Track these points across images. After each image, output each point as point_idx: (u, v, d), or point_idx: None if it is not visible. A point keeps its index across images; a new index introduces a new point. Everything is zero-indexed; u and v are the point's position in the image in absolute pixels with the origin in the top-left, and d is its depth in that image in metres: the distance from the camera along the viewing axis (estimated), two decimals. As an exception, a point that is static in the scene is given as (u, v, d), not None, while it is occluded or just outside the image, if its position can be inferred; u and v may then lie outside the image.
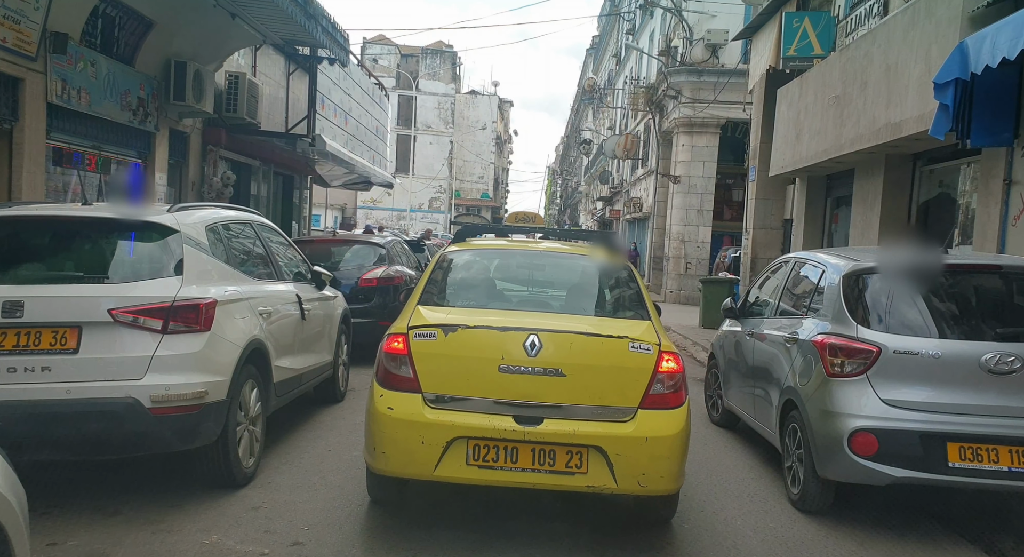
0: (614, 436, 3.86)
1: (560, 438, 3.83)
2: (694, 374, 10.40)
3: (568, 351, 3.98)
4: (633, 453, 3.85)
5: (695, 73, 24.96)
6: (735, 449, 6.44)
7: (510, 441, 3.84)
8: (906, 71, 8.39)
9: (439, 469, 3.86)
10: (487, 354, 3.95)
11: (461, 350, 3.99)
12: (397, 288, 9.42)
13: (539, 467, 3.84)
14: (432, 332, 4.03)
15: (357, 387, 7.84)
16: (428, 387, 3.96)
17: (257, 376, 4.85)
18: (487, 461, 3.85)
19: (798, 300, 5.57)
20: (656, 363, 3.99)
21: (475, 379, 3.95)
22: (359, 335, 8.99)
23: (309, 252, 9.90)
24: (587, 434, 3.84)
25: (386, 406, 3.96)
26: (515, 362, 3.92)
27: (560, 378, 3.92)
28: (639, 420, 3.92)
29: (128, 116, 9.64)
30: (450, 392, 3.95)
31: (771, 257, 16.48)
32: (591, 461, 3.84)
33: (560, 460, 3.85)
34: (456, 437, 3.84)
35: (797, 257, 6.05)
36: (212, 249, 4.71)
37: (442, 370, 4.00)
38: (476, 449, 3.85)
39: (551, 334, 4.00)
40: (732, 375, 6.64)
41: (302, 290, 6.02)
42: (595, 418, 3.91)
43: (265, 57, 14.15)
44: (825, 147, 10.69)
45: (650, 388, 3.96)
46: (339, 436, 6.01)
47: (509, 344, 3.95)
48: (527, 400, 3.91)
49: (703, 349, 13.05)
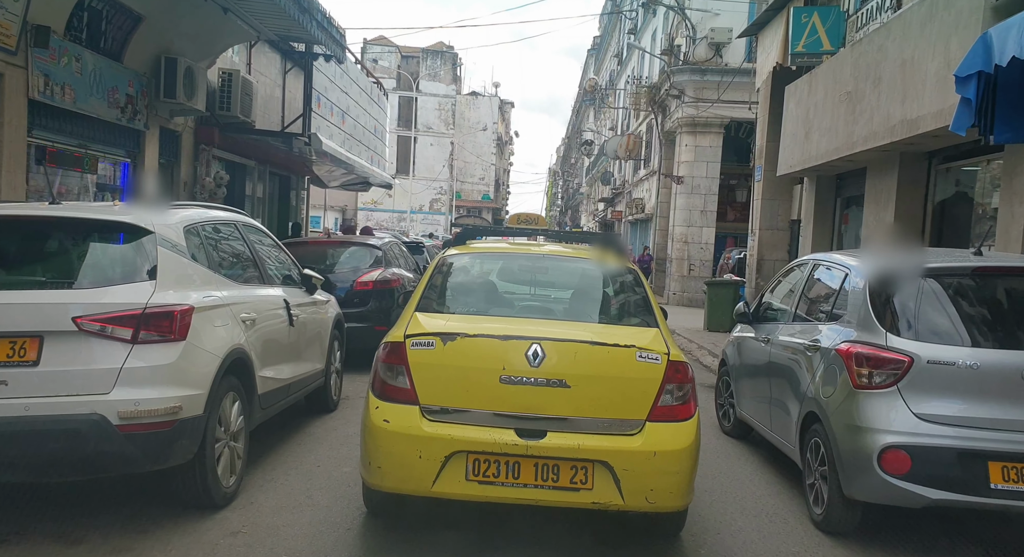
0: (621, 450, 3.66)
1: (564, 453, 3.64)
2: (701, 380, 10.10)
3: (572, 361, 3.77)
4: (641, 468, 3.65)
5: (698, 72, 24.64)
6: (750, 462, 6.10)
7: (512, 456, 3.64)
8: (923, 65, 8.05)
9: (437, 485, 3.65)
10: (488, 364, 3.75)
11: (460, 360, 3.78)
12: (394, 291, 9.08)
13: (542, 483, 3.64)
14: (430, 341, 3.82)
15: (351, 395, 7.50)
16: (426, 399, 3.75)
17: (239, 388, 4.51)
18: (488, 476, 3.65)
19: (818, 305, 5.22)
20: (665, 373, 3.77)
21: (475, 390, 3.74)
22: (354, 340, 8.66)
23: (303, 254, 9.61)
24: (593, 448, 3.65)
25: (382, 418, 3.76)
26: (517, 372, 3.72)
27: (564, 389, 3.71)
28: (647, 433, 3.72)
29: (116, 114, 9.31)
30: (449, 404, 3.75)
31: (778, 259, 16.17)
32: (597, 476, 3.64)
33: (564, 476, 3.64)
34: (455, 451, 3.64)
35: (816, 259, 5.70)
36: (191, 251, 4.37)
37: (441, 381, 3.78)
38: (476, 464, 3.65)
39: (554, 343, 3.80)
40: (746, 383, 6.30)
41: (291, 295, 5.69)
42: (601, 431, 3.71)
43: (260, 55, 13.83)
44: (836, 145, 10.35)
45: (658, 400, 3.75)
46: (329, 449, 5.66)
47: (511, 353, 3.74)
48: (529, 412, 3.70)
49: (709, 353, 12.71)
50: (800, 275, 5.78)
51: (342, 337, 7.10)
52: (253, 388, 4.71)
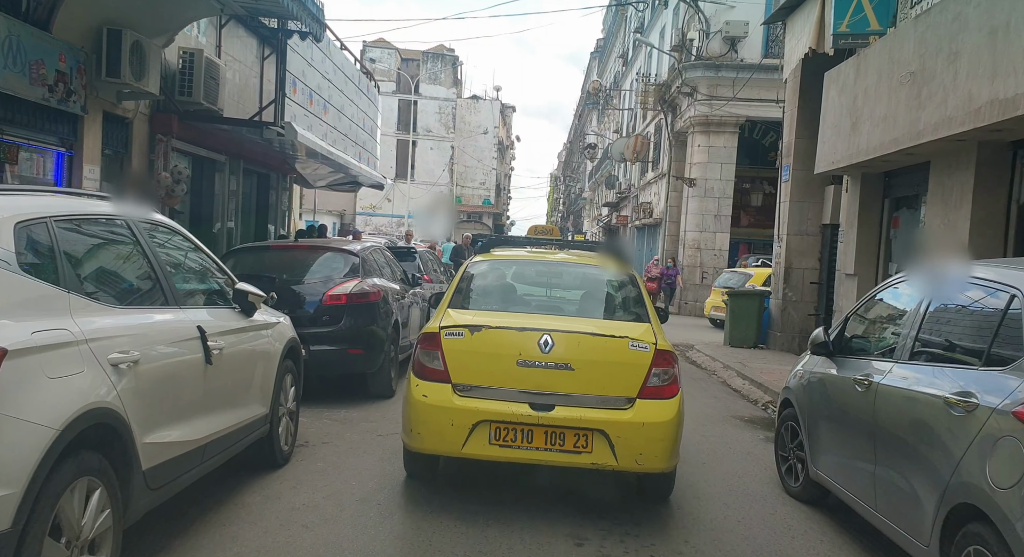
0: (615, 421, 4.39)
1: (569, 422, 4.38)
2: (740, 411, 8.58)
3: (576, 349, 4.50)
4: (632, 436, 4.37)
5: (712, 68, 23.17)
6: (837, 545, 4.53)
7: (526, 424, 4.40)
8: (1021, 32, 6.54)
9: (466, 447, 4.42)
10: (507, 351, 4.50)
11: (485, 347, 4.55)
12: (373, 307, 7.51)
13: (551, 447, 4.39)
14: (460, 331, 4.59)
15: (313, 441, 5.95)
16: (457, 378, 4.52)
17: (102, 469, 2.96)
18: (507, 441, 4.41)
19: (959, 340, 3.67)
20: (652, 359, 4.48)
21: (497, 372, 4.50)
22: (323, 367, 7.15)
23: (263, 261, 8.08)
24: (592, 419, 4.39)
25: (421, 394, 4.53)
26: (531, 357, 4.47)
27: (569, 371, 4.45)
28: (637, 408, 4.44)
29: (42, 93, 7.77)
30: (475, 382, 4.51)
31: (807, 267, 14.61)
32: (595, 442, 4.38)
33: (569, 441, 4.39)
34: (480, 421, 4.40)
35: (941, 273, 4.15)
36: (26, 260, 2.84)
37: (469, 364, 4.53)
38: (497, 431, 4.41)
39: (562, 334, 4.54)
40: (827, 436, 4.75)
41: (214, 318, 4.14)
42: (599, 406, 4.44)
43: (235, 38, 12.30)
44: (894, 136, 8.81)
45: (647, 381, 4.47)
46: (264, 535, 4.09)
47: (526, 342, 4.50)
48: (541, 390, 4.44)
49: (738, 375, 11.14)
50: (912, 294, 4.23)
51: (298, 368, 5.55)
52: (132, 464, 3.16)
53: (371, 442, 6.04)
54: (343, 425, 6.53)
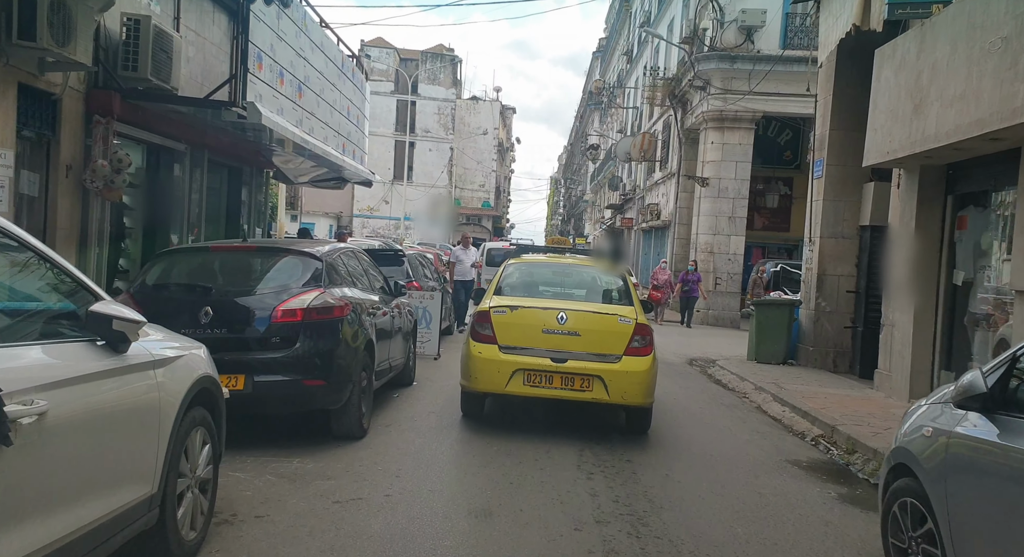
0: (608, 370, 6.62)
1: (577, 370, 6.61)
2: (791, 453, 6.18)
3: (582, 321, 6.82)
4: (620, 380, 6.60)
5: (727, 59, 21.60)
6: None
7: (548, 371, 6.63)
8: None
9: (508, 387, 6.65)
10: (535, 322, 6.78)
11: (520, 320, 6.82)
12: (337, 324, 5.90)
13: (564, 387, 6.64)
14: (503, 309, 6.90)
15: (241, 512, 4.34)
16: (501, 341, 6.74)
17: None
18: (535, 383, 6.64)
19: None
20: (634, 329, 6.76)
21: (528, 336, 6.73)
22: (272, 403, 5.62)
23: (200, 267, 6.48)
24: (593, 368, 6.62)
25: (477, 352, 6.76)
26: (552, 327, 6.72)
27: (577, 337, 6.71)
28: (624, 362, 6.66)
29: (-72, 55, 6.21)
30: (514, 344, 6.73)
31: (843, 273, 13.00)
32: (595, 384, 6.60)
33: (577, 383, 6.62)
34: (517, 369, 6.63)
35: None
36: None
37: (509, 331, 6.76)
38: (528, 376, 6.64)
39: (572, 312, 6.86)
40: (992, 537, 3.16)
41: (35, 363, 2.57)
42: (597, 360, 6.65)
43: (199, 12, 10.74)
44: (978, 116, 7.25)
45: (630, 343, 6.71)
46: None
47: (548, 317, 6.79)
48: (558, 349, 6.68)
49: (772, 398, 9.54)
50: None
51: (215, 418, 3.95)
52: None
53: (323, 513, 4.43)
54: (291, 484, 4.93)
